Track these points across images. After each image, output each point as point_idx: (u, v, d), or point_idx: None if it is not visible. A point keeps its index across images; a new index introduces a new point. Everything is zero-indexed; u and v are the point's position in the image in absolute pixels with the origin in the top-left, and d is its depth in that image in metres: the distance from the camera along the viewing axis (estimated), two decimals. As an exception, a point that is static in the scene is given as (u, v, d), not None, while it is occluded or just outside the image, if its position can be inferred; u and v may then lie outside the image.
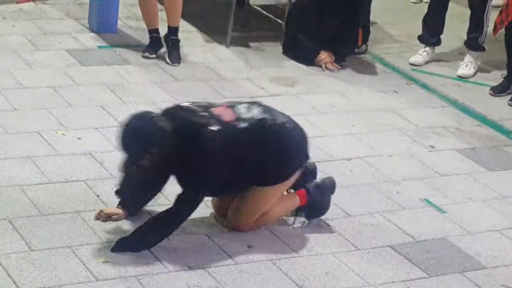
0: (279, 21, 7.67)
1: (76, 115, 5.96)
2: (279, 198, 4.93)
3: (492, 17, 7.38)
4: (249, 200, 4.84)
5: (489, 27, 7.44)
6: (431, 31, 7.65)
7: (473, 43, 7.51)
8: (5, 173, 5.16)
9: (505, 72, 7.32)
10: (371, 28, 7.78)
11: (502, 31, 7.17)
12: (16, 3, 7.75)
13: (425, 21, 7.69)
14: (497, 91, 7.19)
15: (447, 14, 7.66)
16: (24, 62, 6.70)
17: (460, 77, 7.45)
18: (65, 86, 6.36)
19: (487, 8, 7.40)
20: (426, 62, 7.68)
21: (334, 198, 5.24)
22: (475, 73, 7.48)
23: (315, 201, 5.04)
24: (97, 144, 5.63)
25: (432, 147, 6.24)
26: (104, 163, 5.42)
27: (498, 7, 7.54)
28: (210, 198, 4.99)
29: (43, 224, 4.72)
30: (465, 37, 7.60)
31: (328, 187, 5.13)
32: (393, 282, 4.66)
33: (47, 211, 4.84)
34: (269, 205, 4.89)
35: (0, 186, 5.01)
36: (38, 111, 5.96)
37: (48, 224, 4.72)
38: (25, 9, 7.71)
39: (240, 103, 4.82)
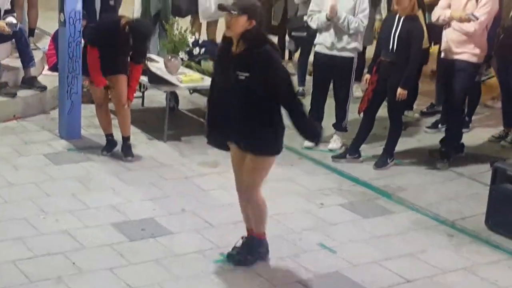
0: (201, 119, 7.67)
1: (53, 203, 5.84)
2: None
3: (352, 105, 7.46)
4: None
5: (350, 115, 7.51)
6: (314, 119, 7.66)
7: (339, 126, 7.54)
8: (1, 252, 5.03)
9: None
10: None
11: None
12: (3, 122, 7.62)
13: (309, 113, 7.70)
14: (378, 165, 7.09)
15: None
16: (11, 166, 6.57)
17: (330, 150, 7.44)
18: (44, 181, 6.24)
19: (348, 102, 7.46)
20: (313, 143, 7.68)
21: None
22: (341, 147, 7.46)
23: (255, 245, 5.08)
24: (71, 223, 5.51)
25: (322, 204, 6.23)
26: (77, 238, 5.29)
27: (358, 98, 7.66)
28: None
29: (32, 289, 4.59)
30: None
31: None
32: (302, 308, 4.64)
33: (36, 278, 4.70)
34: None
35: (-3, 262, 4.87)
36: (24, 201, 5.82)
37: (36, 289, 4.59)
38: (10, 126, 7.57)
39: None
